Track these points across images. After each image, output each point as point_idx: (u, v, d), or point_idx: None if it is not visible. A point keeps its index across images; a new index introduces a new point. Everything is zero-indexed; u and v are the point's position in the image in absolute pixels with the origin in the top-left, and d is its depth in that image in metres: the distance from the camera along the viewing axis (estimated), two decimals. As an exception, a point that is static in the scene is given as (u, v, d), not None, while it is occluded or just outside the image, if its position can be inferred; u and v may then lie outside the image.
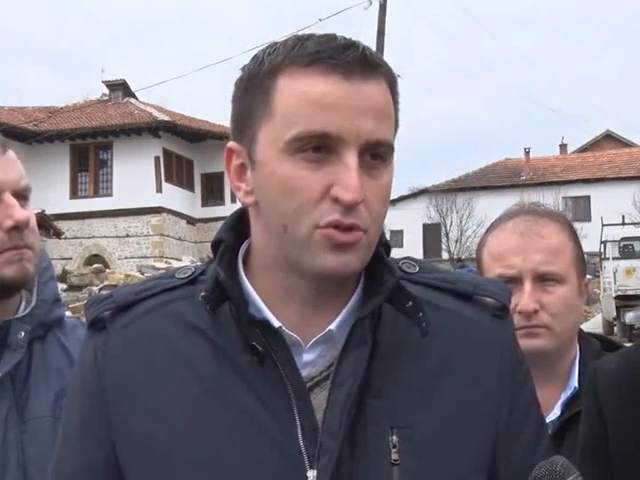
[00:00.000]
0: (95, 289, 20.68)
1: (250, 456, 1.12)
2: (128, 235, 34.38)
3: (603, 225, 23.54)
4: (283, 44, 1.14)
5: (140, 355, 1.20)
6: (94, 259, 33.35)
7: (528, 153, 45.16)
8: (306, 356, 1.17)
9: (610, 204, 34.72)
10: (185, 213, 35.61)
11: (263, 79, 1.13)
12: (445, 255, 39.58)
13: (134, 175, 33.61)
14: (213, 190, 35.83)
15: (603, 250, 23.00)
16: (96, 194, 35.27)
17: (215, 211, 33.58)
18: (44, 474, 1.44)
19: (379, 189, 1.14)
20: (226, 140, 1.21)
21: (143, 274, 23.40)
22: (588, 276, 2.27)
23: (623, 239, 22.83)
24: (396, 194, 40.71)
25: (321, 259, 1.12)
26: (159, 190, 34.33)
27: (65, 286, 25.43)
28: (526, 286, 1.85)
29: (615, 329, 21.23)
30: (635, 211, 36.41)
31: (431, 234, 41.84)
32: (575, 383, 1.86)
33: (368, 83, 1.12)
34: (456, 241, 39.76)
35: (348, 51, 1.11)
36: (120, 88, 37.16)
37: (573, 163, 45.37)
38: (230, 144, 1.19)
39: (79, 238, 34.49)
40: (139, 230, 34.37)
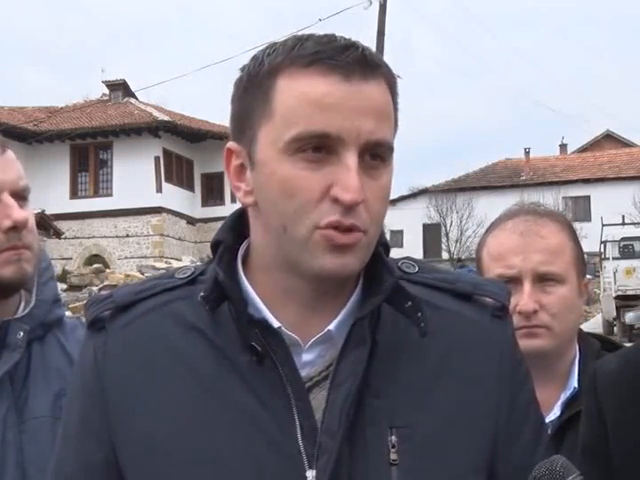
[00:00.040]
0: (95, 289, 20.70)
1: (249, 456, 1.12)
2: (128, 235, 34.37)
3: (603, 225, 23.54)
4: (283, 44, 1.14)
5: (140, 355, 1.20)
6: (94, 259, 33.35)
7: (528, 153, 45.15)
8: (305, 356, 1.17)
9: (610, 204, 34.71)
10: (185, 213, 35.61)
11: (263, 79, 1.13)
12: (445, 255, 39.57)
13: (134, 175, 33.61)
14: (213, 190, 35.82)
15: (603, 250, 23.00)
16: (96, 194, 35.27)
17: (215, 211, 33.57)
18: (43, 474, 1.44)
19: (379, 189, 1.14)
20: (226, 140, 1.21)
21: (143, 274, 23.39)
22: (588, 276, 2.28)
23: (623, 239, 22.84)
24: (396, 194, 40.74)
25: (320, 260, 1.12)
26: (159, 190, 34.32)
27: (65, 286, 25.43)
28: (526, 286, 1.85)
29: (615, 329, 21.23)
30: (635, 211, 36.40)
31: (431, 234, 41.82)
32: (575, 383, 1.86)
33: (368, 83, 1.12)
34: (456, 241, 39.74)
35: (348, 51, 1.11)
36: (120, 88, 37.16)
37: (573, 163, 45.36)
38: (230, 144, 1.19)
39: (79, 238, 34.49)
40: (139, 230, 34.37)
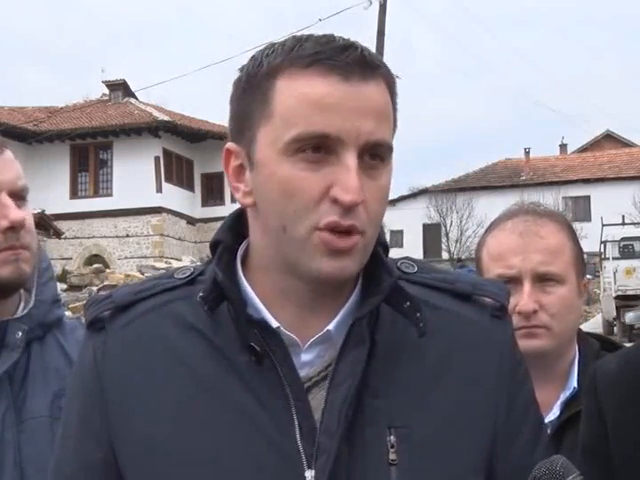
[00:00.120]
0: (95, 289, 20.69)
1: (248, 456, 1.12)
2: (128, 235, 34.37)
3: (603, 225, 23.55)
4: (282, 45, 1.14)
5: (139, 355, 1.20)
6: (94, 259, 33.34)
7: (528, 153, 45.13)
8: (304, 356, 1.17)
9: (610, 204, 34.71)
10: (185, 213, 35.60)
11: (262, 80, 1.13)
12: (445, 255, 39.55)
13: (134, 175, 33.60)
14: (213, 190, 35.82)
15: (603, 250, 23.01)
16: (96, 194, 35.26)
17: (215, 211, 33.56)
18: (41, 474, 1.44)
19: (378, 190, 1.14)
20: (226, 140, 1.20)
21: (143, 274, 23.39)
22: (588, 276, 2.28)
23: (623, 239, 22.84)
24: (396, 194, 40.78)
25: (318, 263, 1.12)
26: (159, 190, 34.32)
27: (65, 286, 25.43)
28: (525, 286, 1.85)
29: (615, 329, 21.23)
30: (635, 211, 36.39)
31: (431, 234, 41.81)
32: (574, 383, 1.86)
33: (367, 84, 1.12)
34: (456, 241, 39.72)
35: (347, 52, 1.11)
36: (120, 88, 37.15)
37: (573, 163, 45.34)
38: (229, 145, 1.19)
39: (79, 238, 34.48)
40: (139, 230, 34.36)
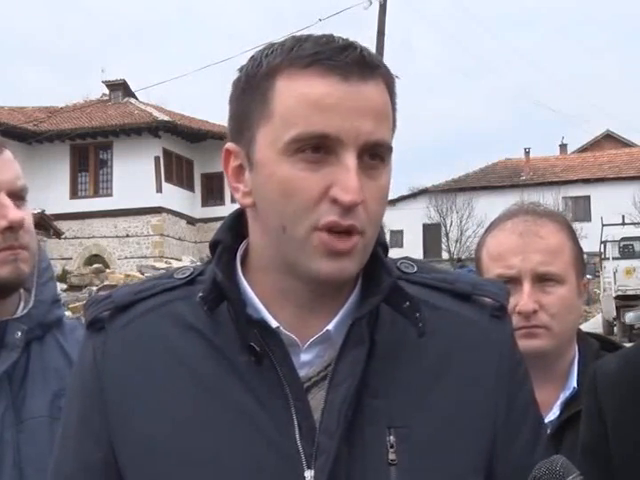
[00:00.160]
0: (94, 289, 20.69)
1: (248, 456, 1.12)
2: (128, 235, 34.37)
3: (603, 225, 23.56)
4: (281, 45, 1.14)
5: (139, 355, 1.20)
6: (94, 259, 33.34)
7: (528, 153, 45.13)
8: (304, 356, 1.17)
9: (610, 204, 34.70)
10: (185, 213, 35.60)
11: (261, 80, 1.13)
12: (445, 255, 39.55)
13: (134, 175, 33.61)
14: (213, 190, 35.81)
15: (603, 250, 23.01)
16: (96, 194, 35.27)
17: (215, 211, 33.55)
18: (40, 474, 1.44)
19: (377, 190, 1.14)
20: (226, 140, 1.21)
21: (143, 274, 23.39)
22: (588, 276, 2.28)
23: (623, 239, 22.85)
24: (396, 194, 40.78)
25: (317, 264, 1.12)
26: (159, 190, 34.32)
27: (65, 286, 25.43)
28: (525, 286, 1.85)
29: (615, 329, 21.23)
30: (635, 211, 36.39)
31: (431, 234, 41.80)
32: (574, 383, 1.86)
33: (367, 84, 1.12)
34: (456, 241, 39.72)
35: (346, 52, 1.11)
36: (120, 88, 37.16)
37: (573, 163, 45.34)
38: (228, 145, 1.19)
39: (79, 238, 34.49)
40: (139, 230, 34.36)
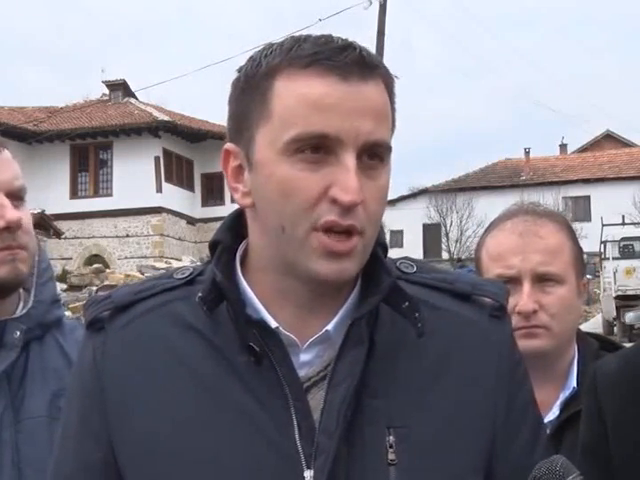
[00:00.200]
0: (94, 289, 20.68)
1: (248, 456, 1.12)
2: (128, 235, 34.36)
3: (603, 225, 23.56)
4: (280, 45, 1.14)
5: (139, 355, 1.20)
6: (94, 259, 33.34)
7: (528, 153, 45.12)
8: (303, 356, 1.17)
9: (610, 204, 34.70)
10: (185, 213, 35.60)
11: (260, 81, 1.13)
12: (445, 255, 39.54)
13: (134, 175, 33.60)
14: (213, 190, 35.80)
15: (603, 250, 23.02)
16: (96, 194, 35.26)
17: (215, 211, 33.54)
18: (39, 474, 1.44)
19: (377, 190, 1.14)
20: (226, 140, 1.20)
21: (143, 274, 23.39)
22: (588, 276, 2.28)
23: (623, 239, 22.85)
24: (396, 194, 40.80)
25: (316, 264, 1.12)
26: (159, 190, 34.32)
27: (65, 286, 25.44)
28: (525, 286, 1.85)
29: (615, 329, 21.23)
30: (635, 211, 36.39)
31: (431, 234, 41.79)
32: (574, 383, 1.86)
33: (366, 84, 1.12)
34: (456, 241, 39.71)
35: (346, 52, 1.11)
36: (120, 88, 37.15)
37: (573, 163, 45.33)
38: (227, 145, 1.19)
39: (79, 238, 34.48)
40: (139, 230, 34.36)
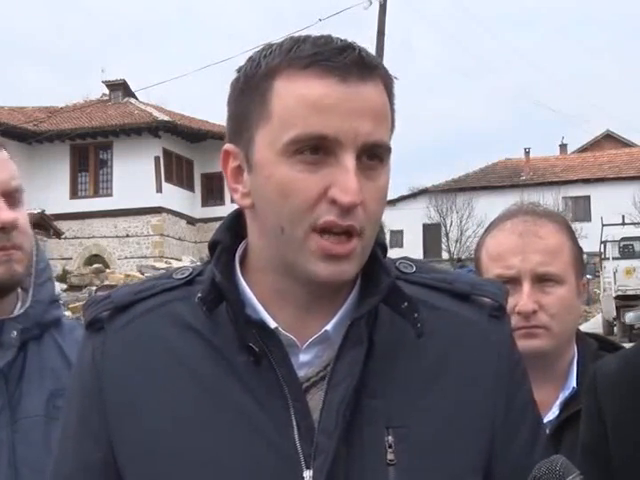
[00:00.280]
0: (94, 289, 20.68)
1: (247, 457, 1.12)
2: (128, 235, 34.36)
3: (603, 225, 23.56)
4: (279, 46, 1.14)
5: (139, 355, 1.20)
6: (94, 259, 33.33)
7: (528, 153, 45.12)
8: (302, 357, 1.17)
9: (610, 204, 34.70)
10: (185, 213, 35.59)
11: (260, 81, 1.13)
12: (445, 255, 39.54)
13: (134, 175, 33.59)
14: (213, 190, 35.79)
15: (603, 250, 23.02)
16: (96, 194, 35.25)
17: (215, 211, 33.53)
18: (35, 474, 1.44)
19: (376, 190, 1.14)
20: (226, 140, 1.20)
21: (143, 274, 23.39)
22: (588, 276, 2.28)
23: (623, 239, 22.86)
24: (396, 194, 40.80)
25: (315, 266, 1.12)
26: (159, 190, 34.31)
27: (65, 286, 25.44)
28: (525, 287, 1.85)
29: (615, 329, 21.24)
30: (635, 211, 36.39)
31: (431, 234, 41.79)
32: (573, 383, 1.86)
33: (365, 85, 1.12)
34: (456, 241, 39.71)
35: (345, 53, 1.11)
36: (120, 88, 37.14)
37: (573, 163, 45.33)
38: (227, 146, 1.19)
39: (79, 238, 34.47)
40: (139, 230, 34.35)
